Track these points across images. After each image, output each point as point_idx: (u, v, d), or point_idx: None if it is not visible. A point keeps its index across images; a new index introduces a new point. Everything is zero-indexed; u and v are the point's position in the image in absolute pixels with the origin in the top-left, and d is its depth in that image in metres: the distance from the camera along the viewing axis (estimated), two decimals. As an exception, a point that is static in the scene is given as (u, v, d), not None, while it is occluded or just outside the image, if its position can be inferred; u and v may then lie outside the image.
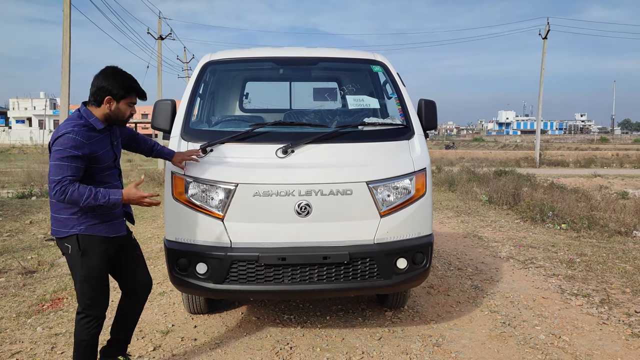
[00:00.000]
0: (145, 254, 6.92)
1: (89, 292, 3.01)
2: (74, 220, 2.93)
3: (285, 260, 3.53)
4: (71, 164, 2.76)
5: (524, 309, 4.80)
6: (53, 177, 2.74)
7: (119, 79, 2.95)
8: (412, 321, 4.47)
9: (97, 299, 3.05)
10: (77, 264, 2.97)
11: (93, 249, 2.96)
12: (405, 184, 3.72)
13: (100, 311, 3.09)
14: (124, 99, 2.98)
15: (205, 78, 4.35)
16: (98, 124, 2.94)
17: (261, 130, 3.84)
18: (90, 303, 3.04)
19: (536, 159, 31.40)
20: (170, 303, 4.92)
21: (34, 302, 4.95)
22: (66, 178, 2.74)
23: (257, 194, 3.54)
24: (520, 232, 8.80)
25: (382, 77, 4.50)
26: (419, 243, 3.76)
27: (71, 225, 2.92)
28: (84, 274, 2.97)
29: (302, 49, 4.53)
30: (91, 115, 2.94)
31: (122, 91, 2.95)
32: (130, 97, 3.01)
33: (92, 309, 3.05)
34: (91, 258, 2.96)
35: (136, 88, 3.02)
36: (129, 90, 2.98)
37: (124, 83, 2.96)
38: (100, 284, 3.05)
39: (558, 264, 6.46)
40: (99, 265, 3.00)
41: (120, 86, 2.94)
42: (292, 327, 4.31)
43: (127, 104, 3.01)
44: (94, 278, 3.00)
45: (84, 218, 2.93)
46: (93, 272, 2.99)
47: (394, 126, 4.00)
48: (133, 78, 3.03)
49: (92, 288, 3.01)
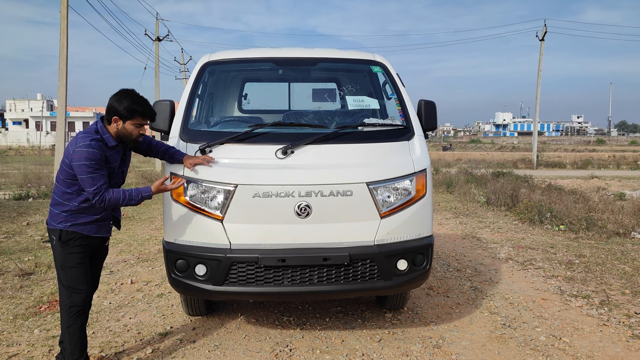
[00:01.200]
0: (143, 255, 6.96)
1: (68, 280, 3.26)
2: (61, 217, 3.23)
3: (285, 261, 3.51)
4: (100, 173, 3.11)
5: (524, 311, 4.79)
6: (89, 188, 3.10)
7: (126, 102, 3.17)
8: (412, 323, 4.45)
9: (76, 288, 3.26)
10: (57, 253, 3.28)
11: (72, 243, 3.25)
12: (406, 184, 3.71)
13: (79, 299, 3.28)
14: (130, 120, 3.20)
15: (204, 79, 4.33)
16: (111, 141, 3.22)
17: (261, 131, 3.82)
18: (68, 292, 3.26)
19: (533, 160, 31.45)
20: (168, 305, 4.89)
21: (31, 304, 4.91)
22: (100, 187, 3.11)
23: (256, 195, 3.51)
24: (518, 233, 8.79)
25: (382, 78, 4.49)
26: (420, 244, 3.74)
27: (58, 221, 3.24)
28: (62, 262, 3.26)
29: (301, 50, 4.52)
30: (105, 132, 3.22)
31: (127, 113, 3.17)
32: (136, 119, 3.21)
33: (71, 297, 3.26)
34: (70, 248, 3.25)
35: (140, 111, 3.21)
36: (132, 112, 3.18)
37: (129, 106, 3.17)
38: (79, 274, 3.27)
39: (557, 265, 6.45)
40: (77, 256, 3.26)
41: (125, 108, 3.16)
42: (292, 328, 4.28)
43: (133, 125, 3.22)
44: (73, 267, 3.25)
45: (71, 217, 3.23)
46: (71, 261, 3.25)
47: (394, 127, 3.98)
48: (142, 101, 3.23)
49: (71, 277, 3.26)
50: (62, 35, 15.99)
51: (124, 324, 4.41)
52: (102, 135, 3.20)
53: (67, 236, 3.22)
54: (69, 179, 3.18)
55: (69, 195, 3.21)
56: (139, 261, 6.63)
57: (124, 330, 4.28)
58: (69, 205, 3.20)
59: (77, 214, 3.23)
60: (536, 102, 31.45)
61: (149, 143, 3.65)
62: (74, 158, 3.09)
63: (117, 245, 7.65)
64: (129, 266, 6.38)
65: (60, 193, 3.24)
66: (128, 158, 3.50)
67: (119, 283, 5.62)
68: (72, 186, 3.18)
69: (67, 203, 3.21)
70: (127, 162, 3.49)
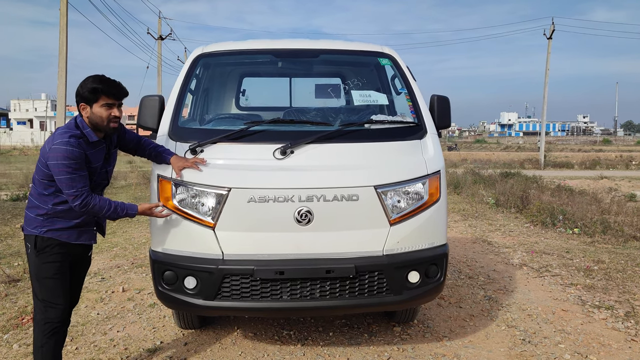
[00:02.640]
0: (137, 260, 6.61)
1: (42, 293, 2.93)
2: (37, 222, 2.92)
3: (283, 274, 3.16)
4: (80, 174, 2.80)
5: (544, 324, 4.42)
6: (68, 191, 2.78)
7: (88, 83, 2.85)
8: (423, 338, 4.10)
9: (51, 302, 2.93)
10: (31, 262, 2.96)
11: (49, 251, 2.92)
12: (418, 188, 3.35)
13: (55, 315, 2.94)
14: (95, 102, 2.86)
15: (197, 72, 3.98)
16: (92, 136, 2.90)
17: (257, 129, 3.47)
18: (43, 306, 2.94)
19: (541, 160, 30.96)
20: (160, 316, 4.55)
21: (14, 314, 4.58)
22: (80, 190, 2.80)
23: (252, 200, 3.17)
24: (531, 236, 8.42)
25: (391, 71, 4.13)
26: (433, 254, 3.38)
27: (34, 226, 2.93)
28: (37, 272, 2.94)
29: (303, 41, 4.16)
30: (86, 126, 2.90)
31: (90, 94, 2.84)
32: (102, 99, 2.86)
33: (46, 312, 2.93)
34: (46, 257, 2.92)
35: (102, 89, 2.83)
36: (95, 92, 2.84)
37: (90, 85, 2.84)
38: (56, 286, 2.94)
39: (575, 272, 6.08)
40: (53, 266, 2.93)
41: (87, 89, 2.84)
42: (292, 344, 3.93)
43: (101, 107, 2.86)
44: (49, 279, 2.92)
45: (48, 221, 2.92)
46: (47, 271, 2.92)
47: (404, 124, 3.63)
48: (105, 79, 2.88)
49: (46, 289, 2.93)
50: (62, 33, 15.76)
51: (111, 338, 4.07)
52: (82, 130, 2.88)
53: (42, 243, 2.90)
54: (44, 180, 2.87)
55: (45, 198, 2.89)
56: (133, 267, 6.30)
57: (110, 345, 3.94)
58: (45, 209, 2.90)
59: (53, 218, 2.91)
60: (544, 101, 30.97)
61: (137, 140, 3.34)
62: (50, 157, 2.78)
63: (112, 249, 7.33)
64: (122, 272, 6.05)
65: (36, 195, 2.94)
66: (113, 157, 3.17)
67: (110, 291, 5.29)
68: (49, 187, 2.87)
69: (43, 206, 2.90)
70: (113, 161, 3.18)
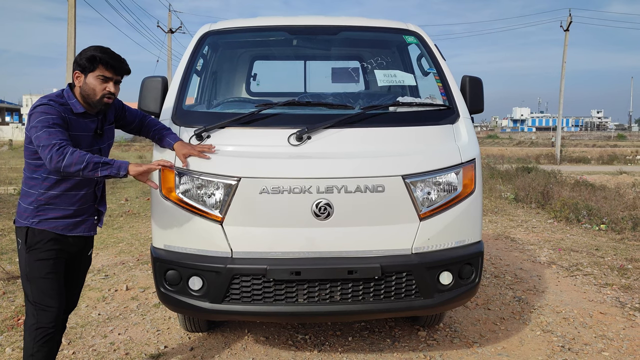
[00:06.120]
0: (143, 257, 6.29)
1: (34, 295, 2.64)
2: (28, 212, 2.63)
3: (299, 274, 2.81)
4: (58, 129, 2.48)
5: (582, 328, 4.04)
6: (45, 142, 2.43)
7: (87, 51, 2.60)
8: (451, 344, 3.73)
9: (43, 304, 2.63)
10: (22, 260, 2.68)
11: (41, 247, 2.62)
12: (451, 178, 2.98)
13: (47, 319, 2.63)
14: (92, 72, 2.59)
15: (204, 52, 3.63)
16: (77, 107, 2.63)
17: (270, 112, 3.11)
18: (34, 309, 2.64)
19: (557, 155, 30.31)
20: (165, 317, 4.22)
21: (10, 314, 4.29)
22: (59, 142, 2.43)
23: (264, 191, 2.82)
24: (556, 233, 8.00)
25: (416, 51, 3.74)
26: (467, 253, 3.02)
27: (25, 217, 2.64)
28: (27, 271, 2.65)
29: (320, 18, 3.78)
30: (72, 97, 2.65)
31: (87, 62, 2.58)
32: (98, 69, 2.59)
33: (37, 315, 2.63)
34: (38, 254, 2.62)
35: (101, 58, 2.55)
36: (92, 61, 2.57)
37: (90, 53, 2.58)
38: (48, 287, 2.64)
39: (608, 271, 5.67)
40: (46, 263, 2.63)
41: (86, 57, 2.58)
42: (308, 350, 3.59)
43: (96, 78, 2.60)
44: (41, 279, 2.63)
45: (40, 210, 2.62)
46: (39, 270, 2.62)
47: (434, 107, 3.26)
48: (107, 49, 2.60)
49: (38, 290, 2.63)
50: (70, 24, 15.56)
51: (111, 342, 3.75)
52: (67, 100, 2.62)
53: (34, 237, 2.61)
54: (32, 159, 2.58)
55: (35, 182, 2.60)
56: (138, 263, 5.99)
57: (110, 349, 3.63)
58: (36, 194, 2.61)
59: (46, 206, 2.62)
60: (560, 94, 30.29)
61: (141, 119, 3.04)
62: (29, 123, 2.51)
63: (118, 244, 7.03)
64: (127, 269, 5.74)
65: (26, 180, 2.65)
66: (108, 135, 2.84)
67: (113, 289, 4.98)
68: (38, 169, 2.59)
69: (33, 191, 2.62)
70: (107, 140, 2.84)
